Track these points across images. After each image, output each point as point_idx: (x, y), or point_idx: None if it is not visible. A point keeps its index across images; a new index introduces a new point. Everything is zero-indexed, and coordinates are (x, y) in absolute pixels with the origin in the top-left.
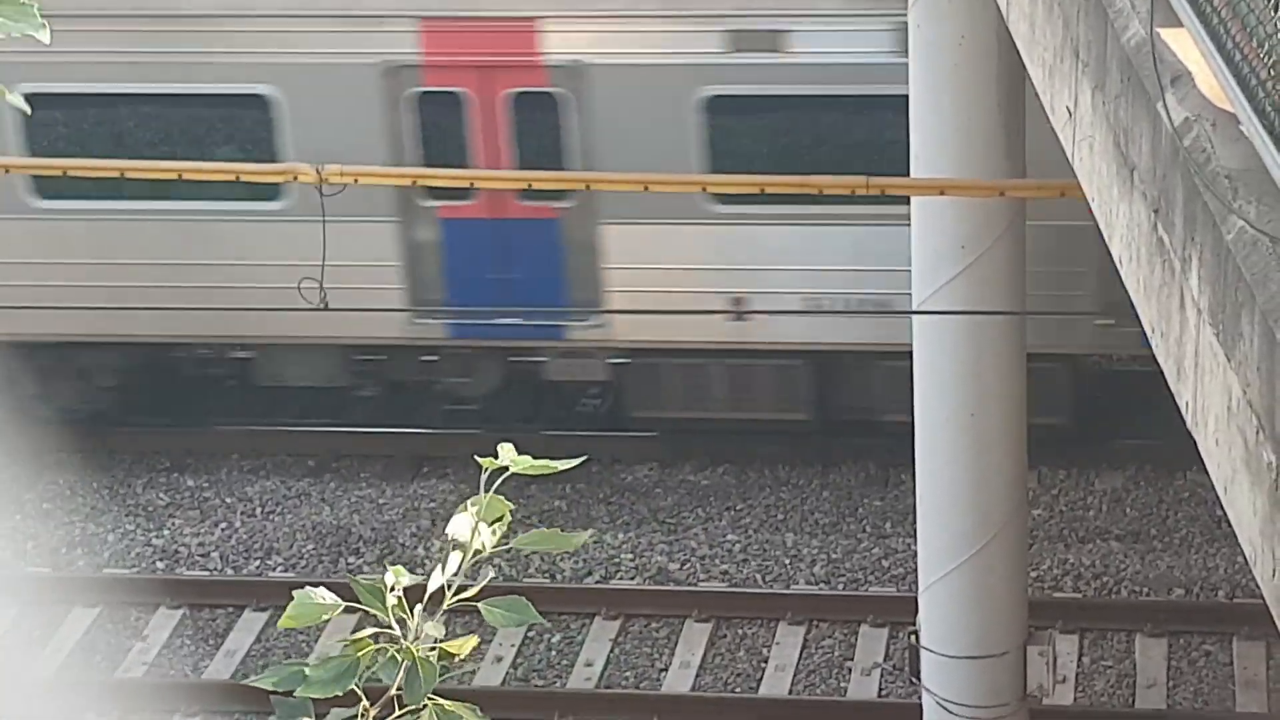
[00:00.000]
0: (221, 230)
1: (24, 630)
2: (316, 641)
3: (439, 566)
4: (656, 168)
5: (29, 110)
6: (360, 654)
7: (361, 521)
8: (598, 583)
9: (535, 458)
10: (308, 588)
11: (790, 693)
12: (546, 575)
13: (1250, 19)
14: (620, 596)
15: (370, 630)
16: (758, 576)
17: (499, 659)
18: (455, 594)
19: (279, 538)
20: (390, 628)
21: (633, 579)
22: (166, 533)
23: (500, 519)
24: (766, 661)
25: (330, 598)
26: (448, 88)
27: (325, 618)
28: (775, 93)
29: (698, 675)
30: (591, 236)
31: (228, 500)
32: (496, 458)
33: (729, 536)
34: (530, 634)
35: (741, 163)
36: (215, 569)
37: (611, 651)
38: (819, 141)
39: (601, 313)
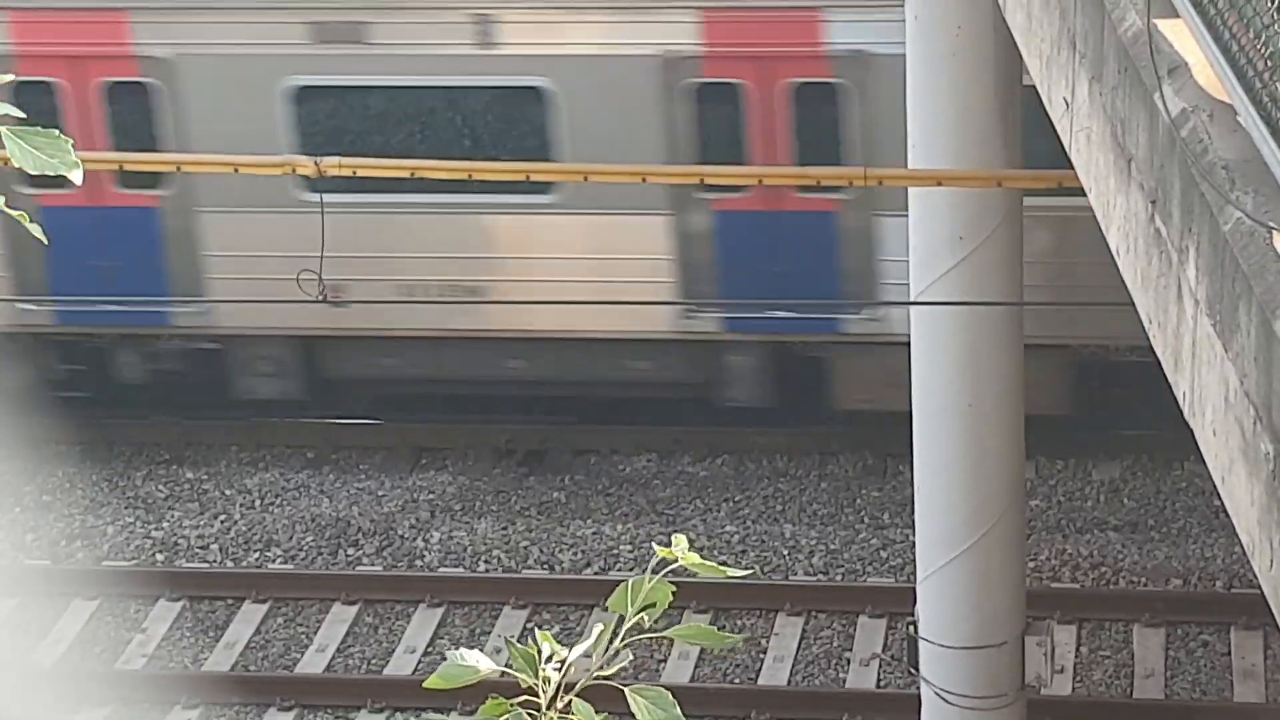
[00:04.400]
0: (497, 223)
1: (23, 623)
2: (316, 633)
3: (588, 638)
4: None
5: (45, 240)
6: (501, 716)
7: (361, 513)
8: (596, 574)
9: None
10: (461, 649)
11: (789, 683)
12: (545, 567)
13: (1247, 10)
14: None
15: (520, 698)
16: (756, 567)
17: (499, 650)
18: (597, 669)
19: (278, 530)
20: (536, 695)
21: (631, 570)
22: (166, 525)
23: (653, 605)
24: (765, 652)
25: (484, 661)
26: (727, 79)
27: (474, 681)
28: None
29: (696, 666)
30: (868, 227)
31: (227, 492)
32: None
33: (727, 528)
34: (529, 625)
35: None
36: (215, 561)
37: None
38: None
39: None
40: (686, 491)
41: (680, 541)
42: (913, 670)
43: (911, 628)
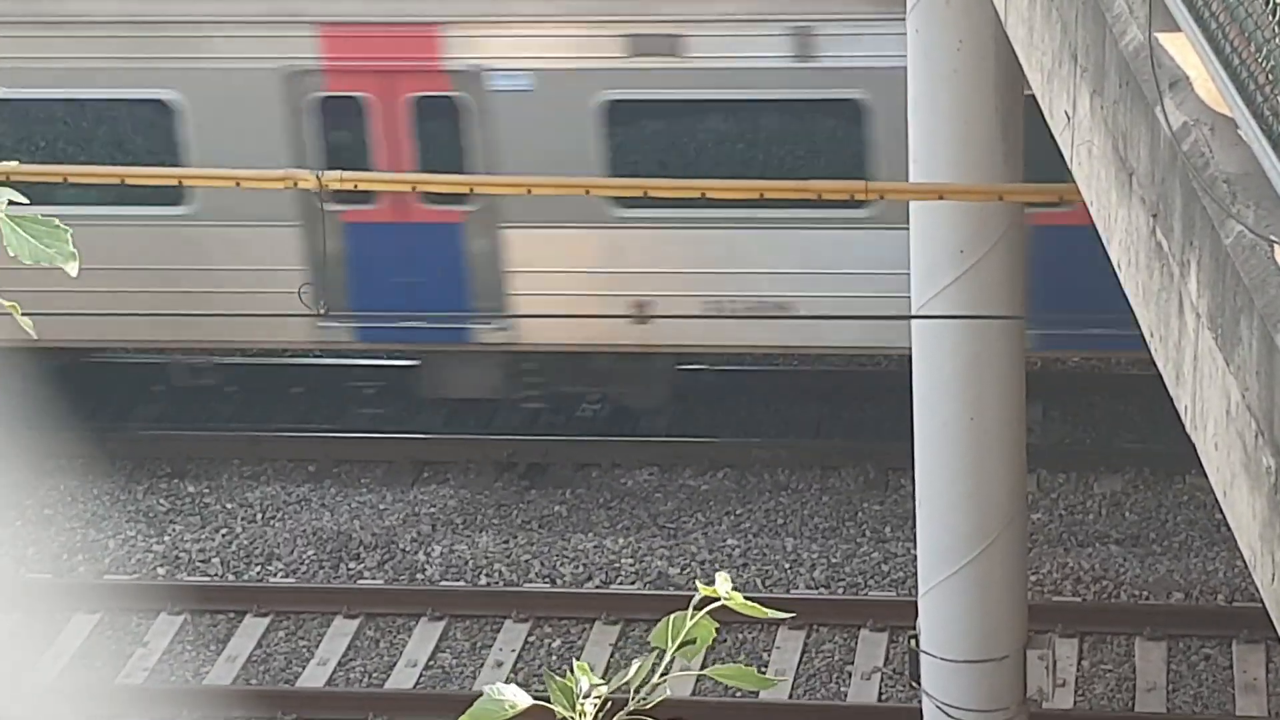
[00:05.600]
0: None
1: (25, 637)
2: (318, 647)
3: (627, 670)
4: None
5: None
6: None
7: (362, 527)
8: (597, 588)
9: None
10: (497, 685)
11: (790, 697)
12: (547, 580)
13: (1248, 24)
14: (620, 601)
15: None
16: (758, 581)
17: (499, 663)
18: (637, 702)
19: (280, 543)
20: None
21: (633, 584)
22: (167, 538)
23: (694, 641)
24: (766, 666)
25: (520, 696)
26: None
27: (509, 717)
28: None
29: (698, 680)
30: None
31: (228, 506)
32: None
33: (729, 541)
34: (530, 639)
35: None
36: (216, 574)
37: (612, 656)
38: None
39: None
40: (688, 505)
41: (724, 580)
42: (914, 684)
43: (913, 641)
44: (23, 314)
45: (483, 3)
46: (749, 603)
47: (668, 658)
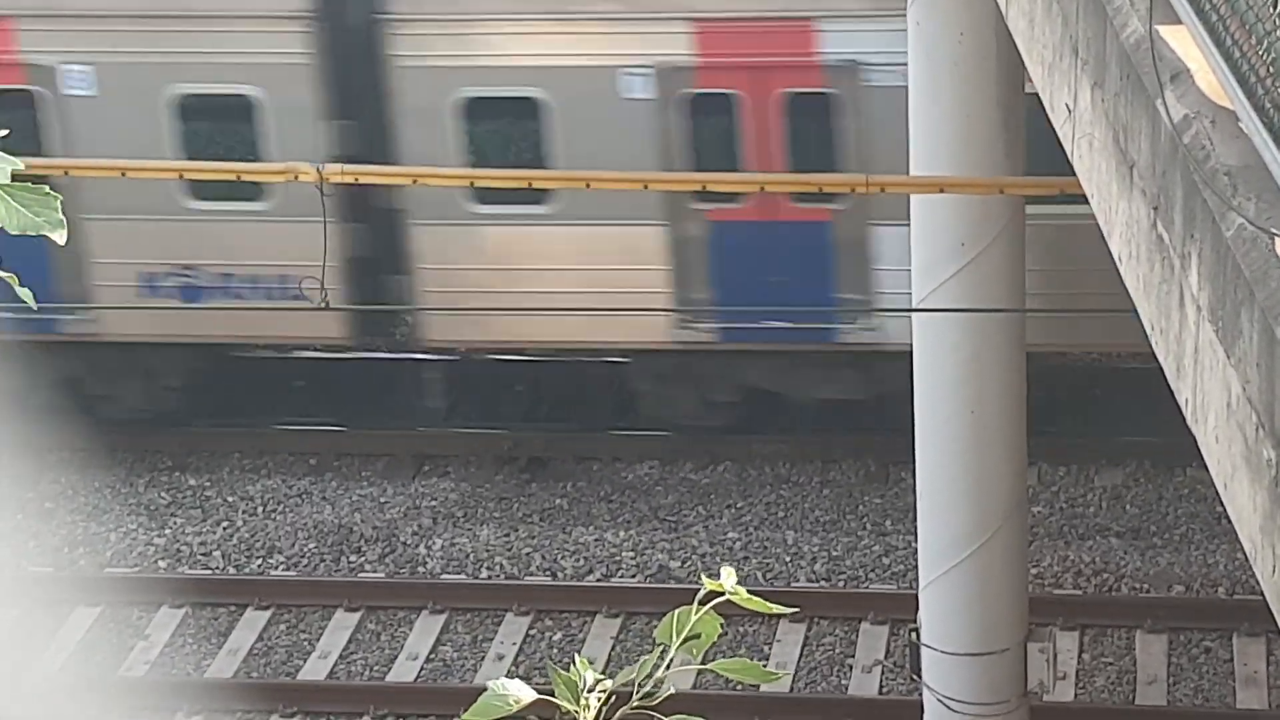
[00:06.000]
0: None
1: (26, 630)
2: (319, 640)
3: (633, 667)
4: None
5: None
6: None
7: (363, 520)
8: (599, 581)
9: None
10: (500, 679)
11: (791, 690)
12: (548, 574)
13: (1249, 16)
14: (621, 594)
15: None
16: (758, 574)
17: (501, 656)
18: (641, 696)
19: (281, 536)
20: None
21: (634, 577)
22: (168, 531)
23: (699, 636)
24: (768, 659)
25: (524, 691)
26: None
27: (514, 712)
28: None
29: (699, 673)
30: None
31: (229, 499)
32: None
33: (730, 534)
34: (531, 632)
35: None
36: (217, 568)
37: (613, 649)
38: None
39: None
40: (689, 498)
41: (729, 575)
42: (915, 677)
43: (914, 634)
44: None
45: None
46: (753, 598)
47: (672, 653)
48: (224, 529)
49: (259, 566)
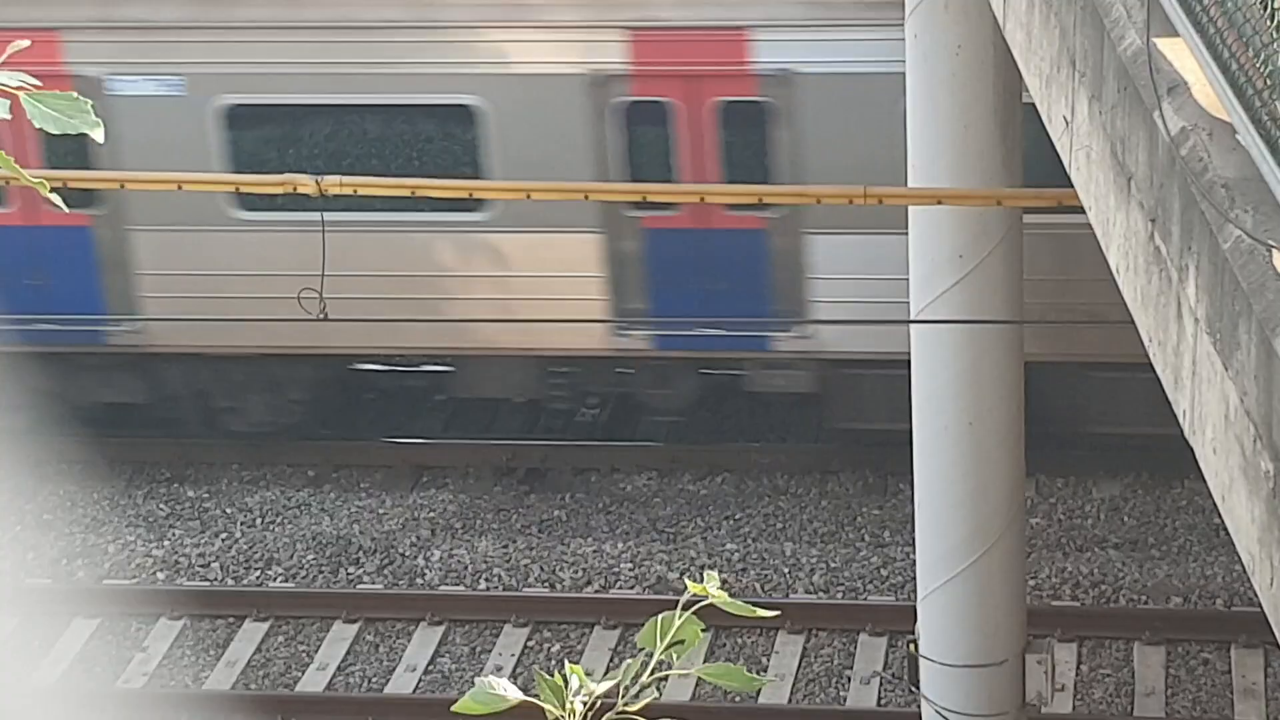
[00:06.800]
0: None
1: (25, 641)
2: (317, 651)
3: (618, 670)
4: None
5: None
6: None
7: (361, 531)
8: (597, 592)
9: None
10: (489, 678)
11: (789, 701)
12: (546, 585)
13: (1246, 28)
14: (619, 606)
15: None
16: (756, 585)
17: (499, 668)
18: (624, 703)
19: (279, 548)
20: None
21: (632, 588)
22: (167, 543)
23: (682, 642)
24: (765, 670)
25: (511, 690)
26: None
27: (503, 709)
28: None
29: (697, 684)
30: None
31: (228, 511)
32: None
33: (728, 545)
34: (530, 643)
35: None
36: (216, 579)
37: (611, 661)
38: None
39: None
40: (687, 509)
41: (712, 579)
42: (913, 688)
43: (912, 646)
44: None
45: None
46: (734, 601)
47: (655, 658)
48: (222, 540)
49: (257, 578)
